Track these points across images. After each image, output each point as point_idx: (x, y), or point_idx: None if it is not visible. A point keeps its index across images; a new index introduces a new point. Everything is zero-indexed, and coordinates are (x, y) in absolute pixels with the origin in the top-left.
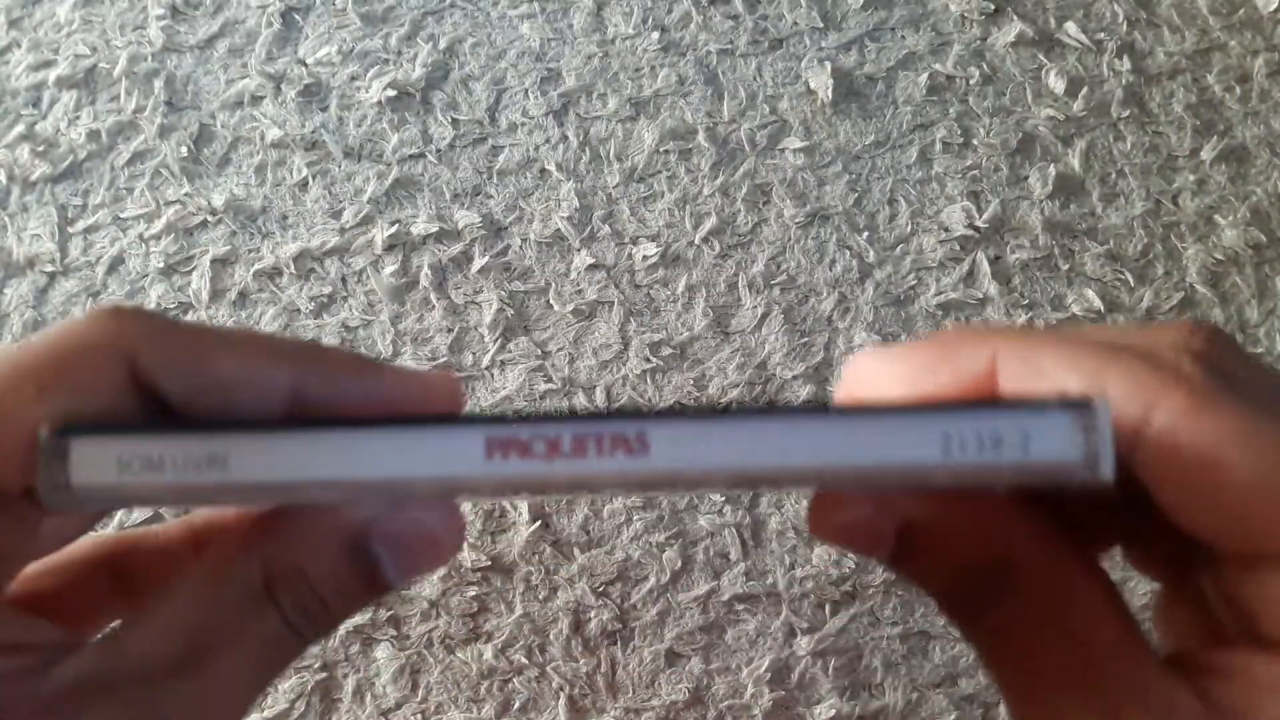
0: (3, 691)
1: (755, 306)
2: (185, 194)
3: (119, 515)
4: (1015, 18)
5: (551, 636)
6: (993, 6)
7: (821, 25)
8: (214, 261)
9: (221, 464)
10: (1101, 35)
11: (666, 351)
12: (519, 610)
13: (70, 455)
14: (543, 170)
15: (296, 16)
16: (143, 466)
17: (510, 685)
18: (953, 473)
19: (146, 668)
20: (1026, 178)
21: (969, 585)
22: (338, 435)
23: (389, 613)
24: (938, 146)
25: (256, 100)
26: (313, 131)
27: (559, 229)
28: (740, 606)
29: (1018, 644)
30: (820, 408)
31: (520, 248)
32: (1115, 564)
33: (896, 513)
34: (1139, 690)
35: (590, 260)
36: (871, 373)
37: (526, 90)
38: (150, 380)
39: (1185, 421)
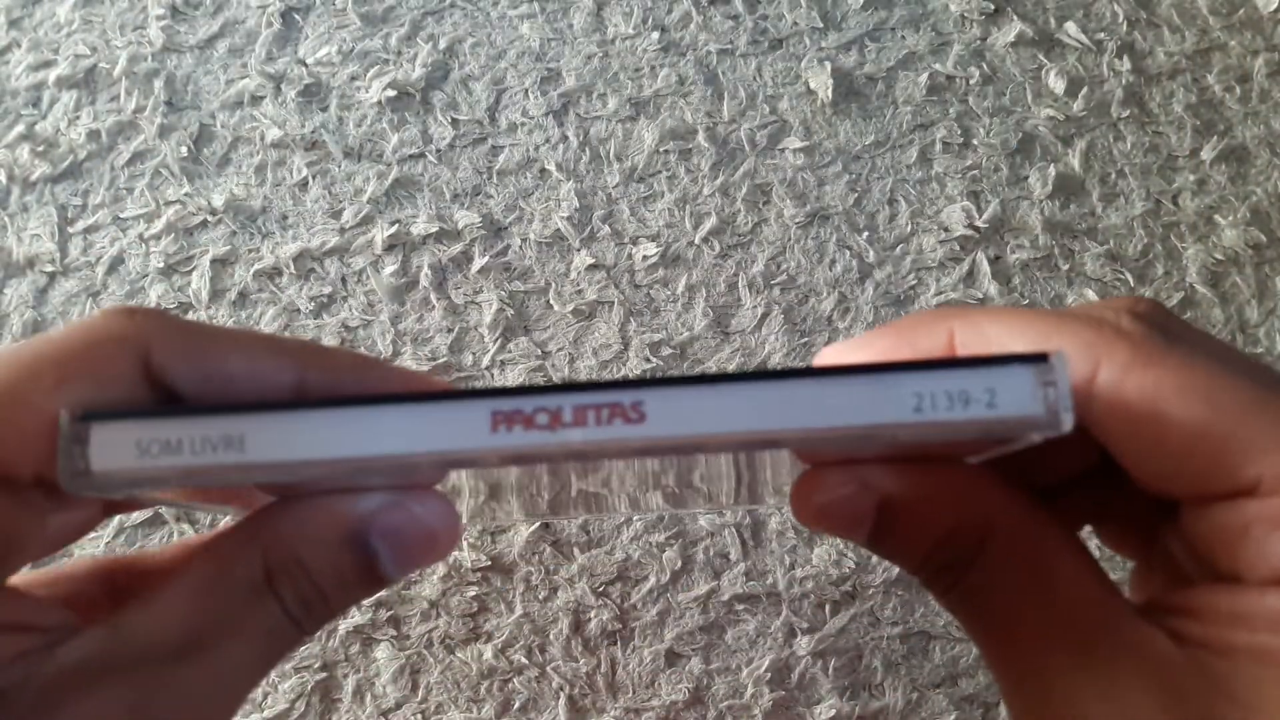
0: (8, 671)
1: (755, 306)
2: (185, 194)
3: (117, 517)
4: (1015, 18)
5: (551, 636)
6: (993, 6)
7: (821, 25)
8: (214, 261)
9: (238, 444)
10: (1101, 35)
11: (666, 351)
12: (519, 610)
13: (90, 440)
14: (543, 170)
15: (296, 16)
16: (161, 450)
17: (510, 685)
18: (926, 430)
19: (149, 652)
20: (1026, 178)
21: (947, 553)
22: (350, 413)
23: (389, 613)
24: (938, 146)
25: (256, 100)
26: (313, 131)
27: (559, 229)
28: (740, 606)
29: (995, 601)
30: (803, 372)
31: (520, 248)
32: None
33: (875, 490)
34: (1112, 631)
35: (590, 260)
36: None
37: (526, 90)
38: (162, 374)
39: (1129, 374)
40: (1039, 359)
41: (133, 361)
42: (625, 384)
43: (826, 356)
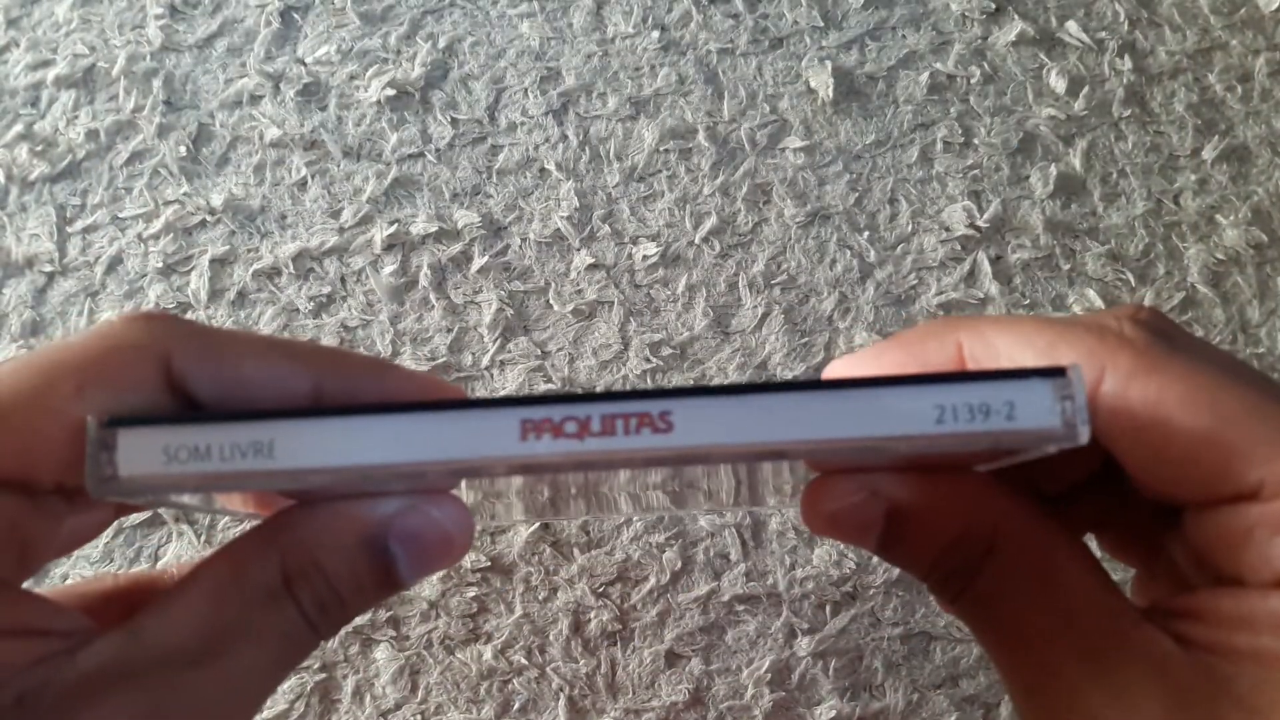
0: (27, 676)
1: (755, 306)
2: (184, 193)
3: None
4: (1016, 17)
5: (551, 637)
6: (994, 5)
7: (822, 24)
8: (213, 261)
9: (267, 450)
10: (1103, 34)
11: (666, 351)
12: (519, 611)
13: (118, 446)
14: (542, 170)
15: (295, 15)
16: (189, 455)
17: (510, 686)
18: (948, 441)
19: (167, 656)
20: (1027, 177)
21: (955, 560)
22: (381, 420)
23: (389, 614)
24: (939, 146)
25: (255, 99)
26: (312, 131)
27: (559, 229)
28: (740, 607)
29: (1004, 608)
30: (830, 384)
31: (520, 247)
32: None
33: (884, 498)
34: (1119, 636)
35: (590, 260)
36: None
37: (526, 89)
38: (182, 381)
39: (1133, 381)
40: (1056, 373)
41: (153, 368)
42: (654, 394)
43: (836, 369)
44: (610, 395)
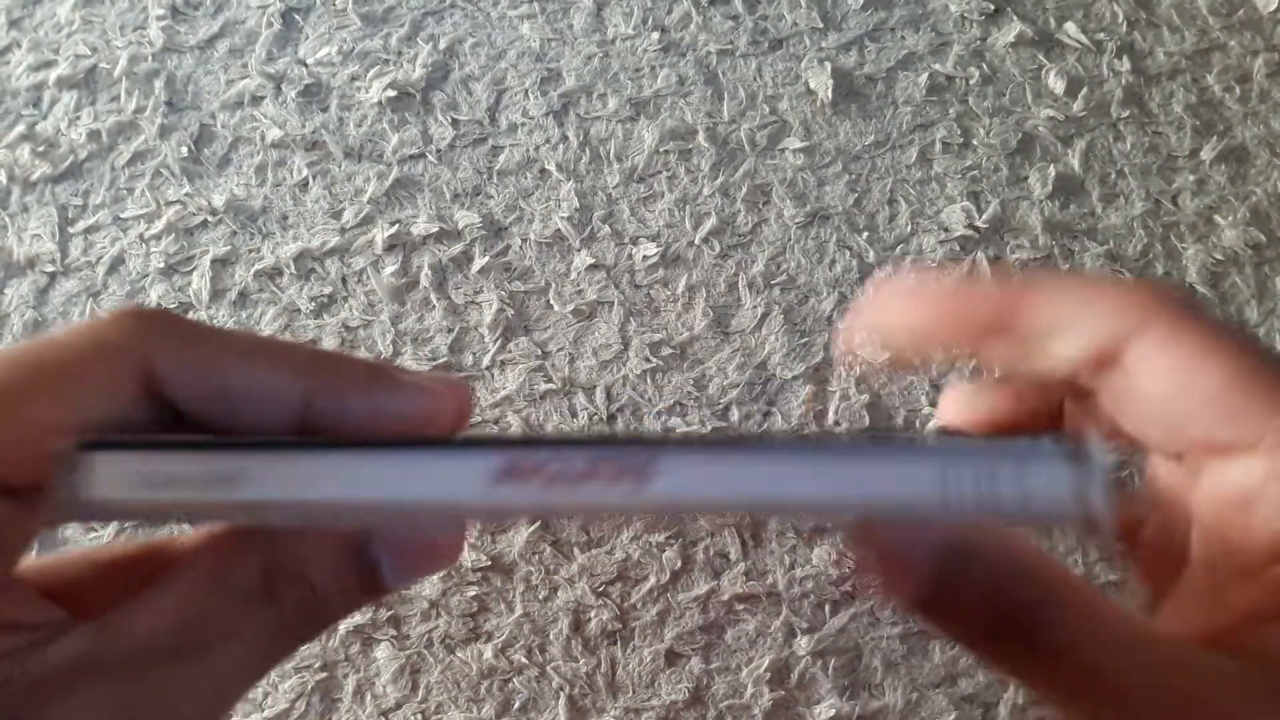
0: None
1: (755, 306)
2: (186, 194)
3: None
4: (1015, 18)
5: (551, 636)
6: (992, 7)
7: (821, 25)
8: (214, 261)
9: (237, 482)
10: (1101, 35)
11: (666, 351)
12: (519, 610)
13: (87, 469)
14: (543, 170)
15: (297, 17)
16: (160, 482)
17: (510, 685)
18: (950, 510)
19: (140, 651)
20: (1026, 178)
21: (1018, 616)
22: (352, 457)
23: (389, 613)
24: (937, 147)
25: (257, 100)
26: (313, 132)
27: (559, 229)
28: (740, 606)
29: (1078, 663)
30: (822, 440)
31: (520, 248)
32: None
33: (936, 539)
34: (1205, 683)
35: (590, 260)
36: (897, 309)
37: (526, 90)
38: (164, 387)
39: (1175, 329)
40: (1075, 450)
41: (132, 373)
42: (633, 442)
43: (884, 298)
44: (588, 441)
